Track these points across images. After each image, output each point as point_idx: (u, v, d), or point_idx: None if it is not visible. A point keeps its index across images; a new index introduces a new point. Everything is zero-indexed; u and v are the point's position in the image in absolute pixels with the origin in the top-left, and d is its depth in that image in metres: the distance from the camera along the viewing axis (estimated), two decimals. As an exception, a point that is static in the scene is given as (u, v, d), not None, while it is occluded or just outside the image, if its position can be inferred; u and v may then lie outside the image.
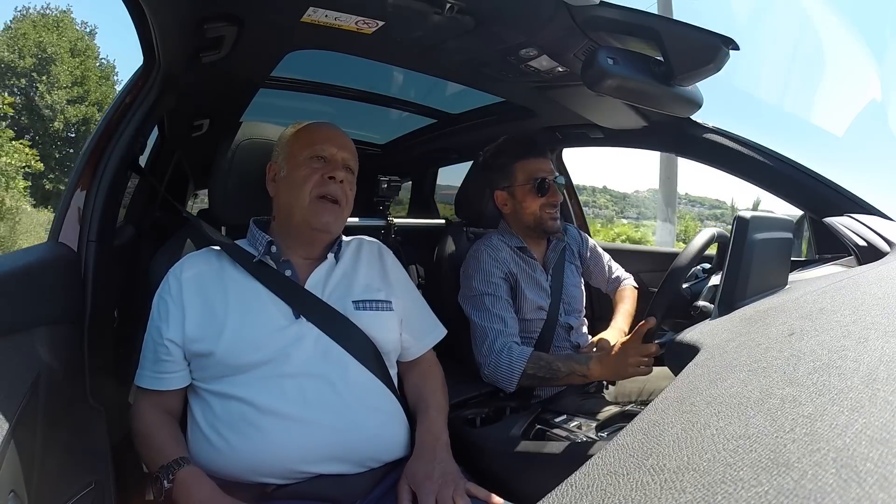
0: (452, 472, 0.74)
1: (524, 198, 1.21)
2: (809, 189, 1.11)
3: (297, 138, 0.87)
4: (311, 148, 0.85)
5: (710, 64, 0.81)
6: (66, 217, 0.86)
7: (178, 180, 1.89)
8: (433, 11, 0.84)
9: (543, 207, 1.21)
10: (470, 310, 1.17)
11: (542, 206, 1.20)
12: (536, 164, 1.21)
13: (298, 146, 0.86)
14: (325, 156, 0.85)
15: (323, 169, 0.84)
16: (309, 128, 0.89)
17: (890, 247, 0.87)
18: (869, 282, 0.58)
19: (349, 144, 0.89)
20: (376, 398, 0.80)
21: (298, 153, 0.85)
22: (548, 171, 1.21)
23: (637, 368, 0.97)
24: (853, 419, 0.26)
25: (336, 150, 0.86)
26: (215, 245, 0.87)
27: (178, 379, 0.79)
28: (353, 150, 0.90)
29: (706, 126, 1.22)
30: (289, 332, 0.78)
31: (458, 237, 1.40)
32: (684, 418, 0.33)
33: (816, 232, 1.14)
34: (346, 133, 0.90)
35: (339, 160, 0.86)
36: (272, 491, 0.73)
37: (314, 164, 0.84)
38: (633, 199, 43.22)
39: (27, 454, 0.59)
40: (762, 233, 0.70)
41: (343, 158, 0.86)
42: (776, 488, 0.22)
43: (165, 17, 0.79)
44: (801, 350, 0.38)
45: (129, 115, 0.93)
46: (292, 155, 0.86)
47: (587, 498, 0.27)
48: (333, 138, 0.87)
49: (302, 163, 0.84)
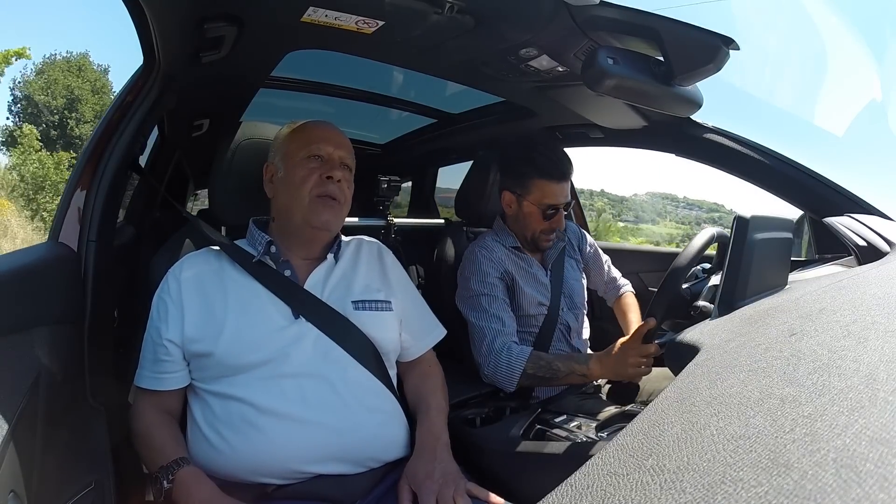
0: (453, 472, 0.74)
1: (530, 214, 1.20)
2: (809, 189, 1.11)
3: (294, 138, 0.87)
4: (307, 148, 0.84)
5: (710, 64, 0.81)
6: (66, 217, 0.86)
7: (178, 180, 1.89)
8: (433, 11, 0.84)
9: (544, 231, 1.21)
10: (467, 311, 1.17)
11: (543, 231, 1.21)
12: (555, 189, 1.18)
13: (295, 146, 0.85)
14: (322, 155, 0.84)
15: (321, 168, 0.83)
16: (305, 127, 0.88)
17: (890, 247, 0.87)
18: (869, 282, 0.58)
19: (346, 142, 0.89)
20: (376, 398, 0.80)
21: (295, 153, 0.84)
22: (563, 199, 1.19)
23: (637, 369, 0.97)
24: (853, 419, 0.26)
25: (333, 148, 0.85)
26: (215, 245, 0.87)
27: (178, 379, 0.79)
28: (350, 148, 0.89)
29: (706, 126, 1.22)
30: (288, 332, 0.78)
31: (458, 237, 1.40)
32: (684, 418, 0.33)
33: (816, 232, 1.14)
34: (342, 131, 0.90)
35: (336, 159, 0.85)
36: (272, 491, 0.73)
37: (311, 163, 0.84)
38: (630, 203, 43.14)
39: (27, 454, 0.59)
40: (762, 233, 0.70)
41: (340, 157, 0.86)
42: (776, 488, 0.22)
43: (165, 17, 0.79)
44: (801, 350, 0.38)
45: (129, 115, 0.93)
46: (289, 155, 0.85)
47: (587, 498, 0.27)
48: (330, 137, 0.86)
49: (299, 163, 0.83)
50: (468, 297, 1.17)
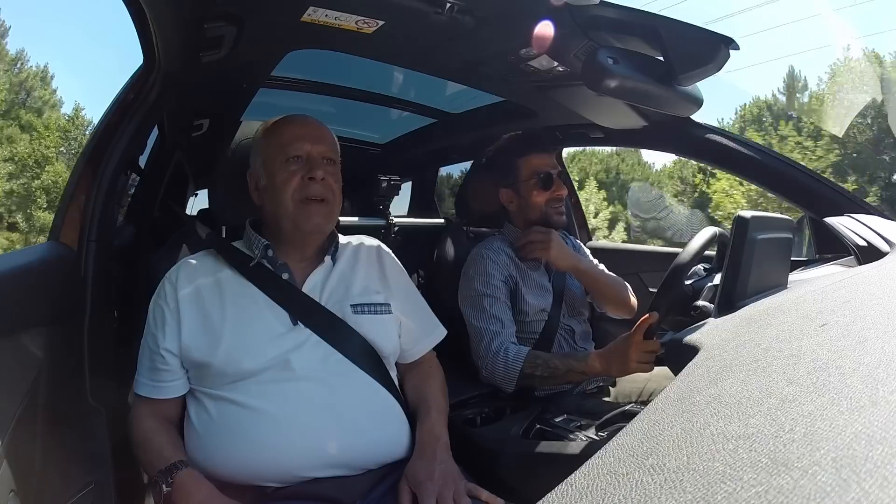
0: (453, 472, 0.74)
1: (529, 193, 1.21)
2: (809, 189, 1.11)
3: (270, 141, 0.83)
4: (284, 150, 0.80)
5: (710, 63, 0.81)
6: (66, 217, 0.86)
7: (178, 180, 1.89)
8: (433, 11, 0.84)
9: (549, 202, 1.21)
10: (468, 310, 1.17)
11: (548, 201, 1.21)
12: (540, 160, 1.21)
13: (273, 150, 0.81)
14: (301, 154, 0.80)
15: (301, 170, 0.80)
16: (279, 127, 0.84)
17: (890, 247, 0.87)
18: (869, 282, 0.58)
19: (325, 135, 0.85)
20: (377, 402, 0.80)
21: (273, 158, 0.81)
22: (551, 165, 1.22)
23: (639, 365, 0.97)
24: (853, 419, 0.26)
25: (311, 146, 0.81)
26: (212, 247, 0.87)
27: (176, 387, 0.79)
28: (330, 140, 0.85)
29: (706, 126, 1.22)
30: (287, 338, 0.77)
31: (458, 237, 1.40)
32: (684, 418, 0.33)
33: (816, 232, 1.14)
34: (319, 122, 0.86)
35: (316, 156, 0.81)
36: (271, 492, 0.73)
37: (291, 166, 0.80)
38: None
39: (27, 454, 0.59)
40: (762, 232, 0.70)
41: (320, 152, 0.82)
42: (776, 488, 0.22)
43: (165, 17, 0.79)
44: (801, 350, 0.38)
45: (129, 115, 0.93)
46: (268, 161, 0.82)
47: (587, 498, 0.27)
48: (305, 134, 0.82)
49: (279, 168, 0.80)
50: (470, 296, 1.17)
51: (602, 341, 1.25)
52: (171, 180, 1.56)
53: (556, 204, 1.22)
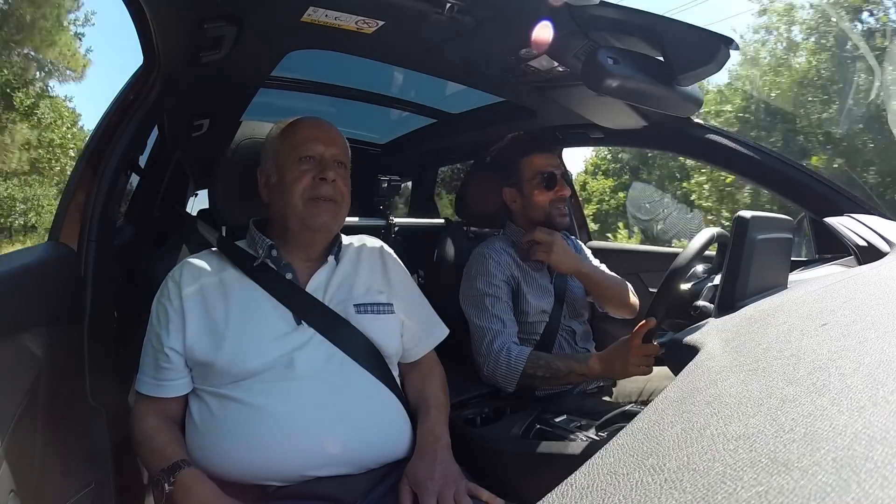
0: (453, 472, 0.74)
1: (532, 193, 1.21)
2: (809, 189, 1.11)
3: (283, 140, 0.85)
4: (297, 150, 0.82)
5: (710, 63, 0.81)
6: (66, 217, 0.86)
7: (178, 180, 1.89)
8: (433, 11, 0.84)
9: (553, 203, 1.21)
10: (470, 310, 1.17)
11: (552, 202, 1.21)
12: (543, 160, 1.21)
13: (286, 149, 0.84)
14: (314, 155, 0.83)
15: (313, 170, 0.82)
16: (294, 127, 0.86)
17: (890, 247, 0.87)
18: (869, 282, 0.58)
19: (337, 139, 0.87)
20: (379, 402, 0.80)
21: (286, 157, 0.83)
22: (555, 165, 1.22)
23: (638, 368, 0.97)
24: (853, 419, 0.26)
25: (324, 147, 0.83)
26: (214, 247, 0.87)
27: (180, 386, 0.79)
28: (343, 144, 0.87)
29: (706, 126, 1.22)
30: (290, 338, 0.77)
31: (459, 237, 1.40)
32: (684, 418, 0.33)
33: (816, 232, 1.14)
34: (332, 126, 0.88)
35: (328, 158, 0.83)
36: (272, 491, 0.73)
37: (303, 165, 0.82)
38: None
39: (27, 454, 0.59)
40: (762, 233, 0.70)
41: (332, 155, 0.84)
42: (776, 488, 0.22)
43: (165, 17, 0.79)
44: (801, 350, 0.38)
45: (129, 115, 0.93)
46: (280, 159, 0.84)
47: (587, 498, 0.27)
48: (320, 136, 0.84)
49: (291, 167, 0.82)
50: (472, 296, 1.17)
51: (602, 341, 1.25)
52: (172, 180, 1.56)
53: (560, 205, 1.22)
